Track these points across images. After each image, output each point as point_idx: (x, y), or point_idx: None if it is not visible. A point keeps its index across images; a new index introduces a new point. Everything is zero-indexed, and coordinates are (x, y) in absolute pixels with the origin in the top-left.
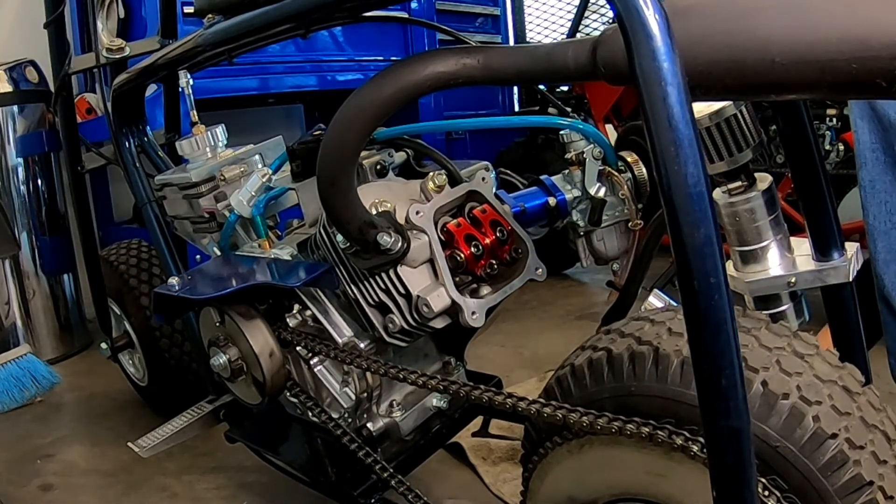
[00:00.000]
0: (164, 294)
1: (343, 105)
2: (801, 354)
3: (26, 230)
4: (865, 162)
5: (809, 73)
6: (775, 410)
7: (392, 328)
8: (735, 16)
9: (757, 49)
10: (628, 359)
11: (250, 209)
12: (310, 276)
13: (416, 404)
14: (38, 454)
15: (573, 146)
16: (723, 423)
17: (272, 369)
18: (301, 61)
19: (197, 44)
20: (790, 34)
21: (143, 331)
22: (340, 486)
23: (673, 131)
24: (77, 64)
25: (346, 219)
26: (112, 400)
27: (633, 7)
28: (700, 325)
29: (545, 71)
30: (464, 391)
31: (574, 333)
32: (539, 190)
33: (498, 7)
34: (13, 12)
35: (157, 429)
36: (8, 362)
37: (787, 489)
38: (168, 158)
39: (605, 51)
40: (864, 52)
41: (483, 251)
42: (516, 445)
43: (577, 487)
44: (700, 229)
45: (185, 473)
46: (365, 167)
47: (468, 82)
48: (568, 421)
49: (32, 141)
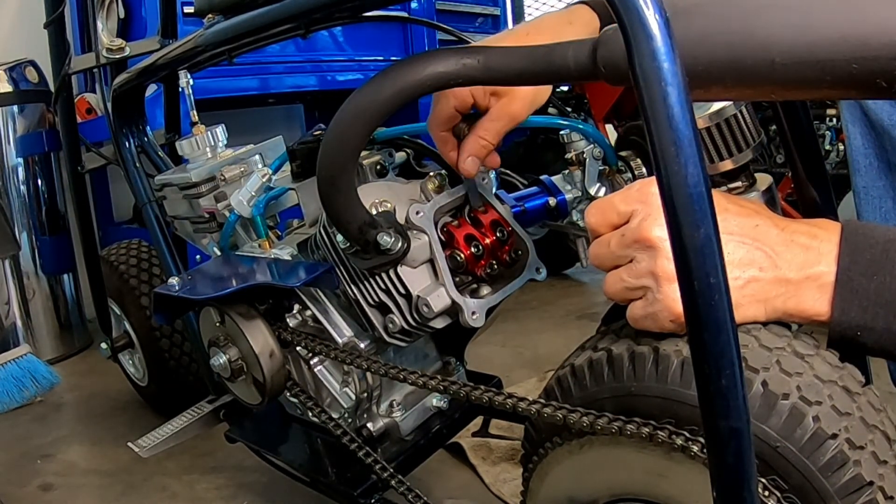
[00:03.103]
0: (164, 294)
1: (343, 105)
2: (801, 354)
3: (26, 230)
4: (858, 168)
5: (809, 73)
6: (775, 410)
7: (392, 328)
8: (735, 16)
9: (757, 49)
10: (628, 359)
11: (250, 209)
12: (310, 276)
13: (416, 404)
14: (38, 454)
15: (573, 146)
16: (723, 424)
17: (272, 369)
18: (301, 61)
19: (197, 44)
20: (790, 34)
21: (143, 331)
22: (340, 486)
23: (673, 131)
24: (77, 64)
25: (346, 219)
26: (112, 400)
27: (633, 7)
28: (700, 325)
29: (545, 71)
30: (464, 391)
31: (574, 333)
32: (539, 190)
33: (498, 7)
34: (13, 12)
35: (157, 429)
36: (8, 362)
37: (787, 489)
38: (168, 158)
39: (605, 51)
40: (864, 52)
41: (483, 251)
42: (516, 445)
43: (577, 487)
44: (700, 229)
45: (185, 473)
46: (365, 167)
47: (468, 82)
48: (568, 421)
49: (32, 141)
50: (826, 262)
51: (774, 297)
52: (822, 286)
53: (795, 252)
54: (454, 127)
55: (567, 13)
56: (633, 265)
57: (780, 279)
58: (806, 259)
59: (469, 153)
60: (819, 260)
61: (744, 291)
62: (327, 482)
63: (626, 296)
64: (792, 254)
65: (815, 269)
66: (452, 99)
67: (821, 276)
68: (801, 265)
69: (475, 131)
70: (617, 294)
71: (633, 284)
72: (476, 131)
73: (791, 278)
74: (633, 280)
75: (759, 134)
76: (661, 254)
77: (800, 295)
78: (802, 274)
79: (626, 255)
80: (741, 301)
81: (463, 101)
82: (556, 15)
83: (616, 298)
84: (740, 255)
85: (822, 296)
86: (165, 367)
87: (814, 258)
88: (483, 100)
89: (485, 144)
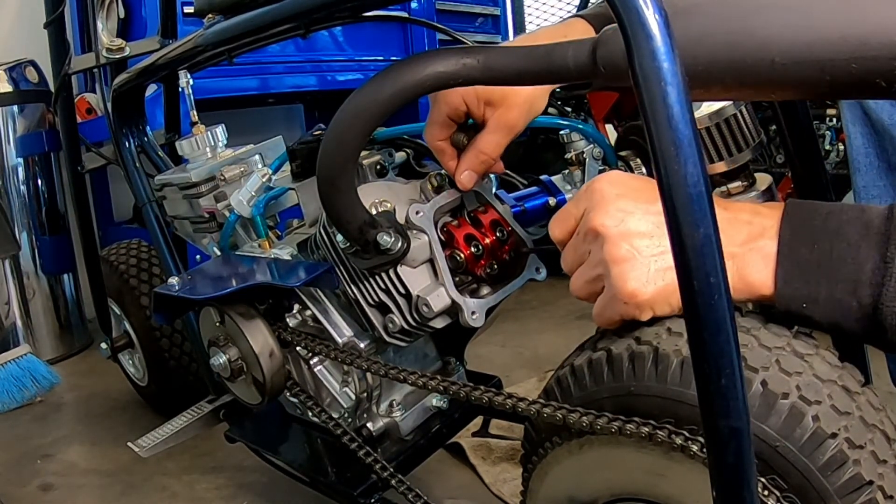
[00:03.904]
0: (164, 294)
1: (343, 105)
2: (800, 354)
3: (26, 230)
4: (859, 167)
5: (809, 73)
6: (775, 410)
7: (392, 328)
8: (735, 16)
9: (757, 49)
10: (628, 358)
11: (250, 209)
12: (310, 276)
13: (416, 404)
14: (38, 454)
15: (573, 146)
16: (722, 423)
17: (272, 369)
18: (301, 61)
19: (197, 44)
20: (790, 34)
21: (143, 331)
22: (340, 486)
23: (673, 131)
24: (77, 64)
25: (346, 219)
26: (112, 400)
27: (633, 7)
28: (700, 324)
29: (545, 71)
30: (464, 392)
31: (574, 333)
32: (539, 190)
33: (498, 7)
34: (13, 12)
35: (156, 429)
36: (8, 362)
37: (787, 489)
38: (168, 158)
39: (604, 51)
40: (864, 52)
41: (483, 251)
42: (516, 445)
43: (576, 487)
44: (700, 229)
45: (185, 473)
46: (365, 167)
47: (468, 82)
48: (568, 421)
49: (32, 141)
50: (769, 235)
51: None
52: (766, 257)
53: (738, 228)
54: (451, 136)
55: (563, 26)
56: (588, 258)
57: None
58: (749, 233)
59: (467, 167)
60: (762, 234)
61: None
62: (327, 482)
63: (588, 291)
64: (735, 230)
65: (758, 243)
66: (444, 106)
67: (764, 247)
68: (744, 240)
69: (475, 145)
70: (580, 290)
71: (590, 275)
72: (476, 145)
73: (735, 252)
74: (590, 271)
75: (758, 134)
76: (608, 240)
77: (744, 267)
78: (746, 248)
79: (583, 251)
80: None
81: (455, 109)
82: (552, 28)
83: (581, 295)
84: None
85: (766, 267)
86: (165, 367)
87: (757, 232)
88: (477, 109)
89: (484, 160)
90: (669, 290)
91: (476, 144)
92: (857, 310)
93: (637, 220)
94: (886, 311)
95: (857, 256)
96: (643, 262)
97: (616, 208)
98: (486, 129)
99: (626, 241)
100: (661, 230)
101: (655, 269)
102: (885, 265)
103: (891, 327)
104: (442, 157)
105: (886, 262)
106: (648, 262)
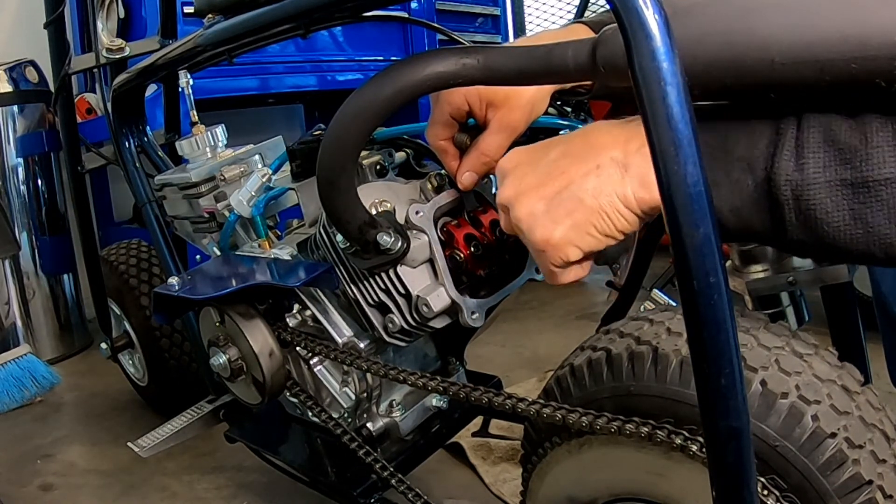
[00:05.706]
0: (164, 294)
1: (343, 105)
2: (799, 354)
3: (26, 230)
4: None
5: (809, 73)
6: (774, 410)
7: (392, 328)
8: (735, 16)
9: (757, 49)
10: (627, 359)
11: (250, 209)
12: (310, 276)
13: (416, 404)
14: (38, 454)
15: None
16: (722, 423)
17: (272, 369)
18: (301, 61)
19: (197, 44)
20: (790, 34)
21: (143, 331)
22: (340, 486)
23: (673, 131)
24: (77, 64)
25: (346, 219)
26: (112, 400)
27: (633, 7)
28: (699, 324)
29: (545, 71)
30: (463, 392)
31: (574, 333)
32: None
33: (498, 7)
34: (13, 12)
35: (156, 429)
36: (8, 362)
37: (787, 488)
38: (168, 158)
39: (604, 50)
40: (864, 52)
41: (483, 251)
42: (516, 445)
43: (576, 487)
44: (700, 229)
45: (185, 473)
46: (365, 167)
47: (468, 82)
48: (567, 421)
49: (32, 141)
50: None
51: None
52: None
53: (625, 132)
54: (454, 137)
55: (564, 32)
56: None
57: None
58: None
59: (468, 168)
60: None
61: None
62: (327, 482)
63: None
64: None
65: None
66: (447, 106)
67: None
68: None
69: (478, 147)
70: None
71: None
72: (478, 146)
73: (629, 162)
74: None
75: None
76: (511, 209)
77: (645, 172)
78: (640, 153)
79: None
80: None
81: (458, 109)
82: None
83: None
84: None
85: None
86: (165, 367)
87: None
88: (479, 110)
89: (486, 161)
90: (580, 222)
91: (478, 145)
92: (752, 189)
93: (529, 177)
94: (779, 180)
95: (752, 134)
96: (542, 210)
97: (512, 178)
98: (489, 130)
99: (523, 200)
100: (550, 177)
101: (557, 211)
102: (778, 136)
103: (786, 201)
104: (444, 157)
105: (779, 132)
106: (547, 207)
